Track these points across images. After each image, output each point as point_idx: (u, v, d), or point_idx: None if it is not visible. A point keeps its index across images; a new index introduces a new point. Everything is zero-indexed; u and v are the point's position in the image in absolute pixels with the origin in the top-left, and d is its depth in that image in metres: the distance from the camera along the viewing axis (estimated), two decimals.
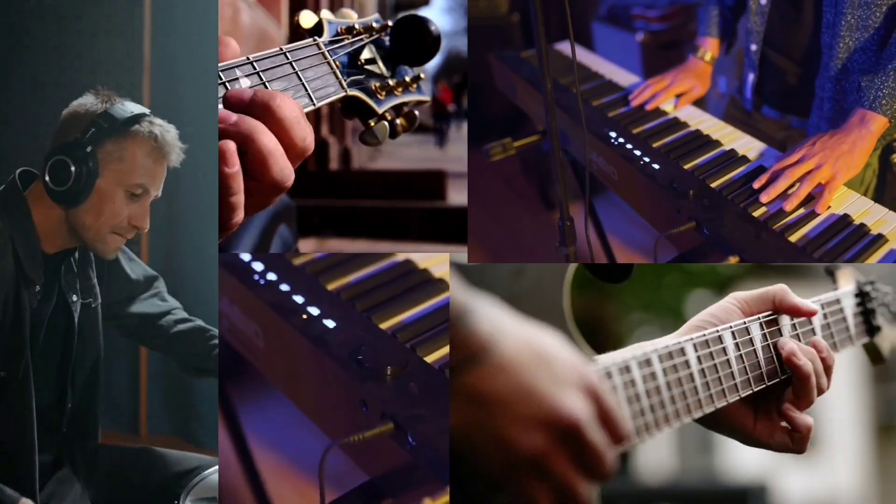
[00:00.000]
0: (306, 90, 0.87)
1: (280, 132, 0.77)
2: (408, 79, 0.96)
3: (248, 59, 0.84)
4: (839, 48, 1.70)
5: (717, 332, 0.94)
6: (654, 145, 1.84)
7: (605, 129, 1.91)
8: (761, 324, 1.00)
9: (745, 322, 0.98)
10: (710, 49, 2.08)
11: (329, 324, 1.19)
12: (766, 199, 1.60)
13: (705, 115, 1.99)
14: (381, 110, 0.94)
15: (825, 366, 1.02)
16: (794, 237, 1.53)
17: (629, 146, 1.83)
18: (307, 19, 0.92)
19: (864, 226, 1.55)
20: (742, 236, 1.53)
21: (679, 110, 2.00)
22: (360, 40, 0.94)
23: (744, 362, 0.96)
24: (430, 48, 0.92)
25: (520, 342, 0.70)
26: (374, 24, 0.96)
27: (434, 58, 0.93)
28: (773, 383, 1.00)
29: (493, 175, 2.48)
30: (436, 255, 1.37)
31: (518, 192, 2.57)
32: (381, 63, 0.95)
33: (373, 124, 0.94)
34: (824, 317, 1.10)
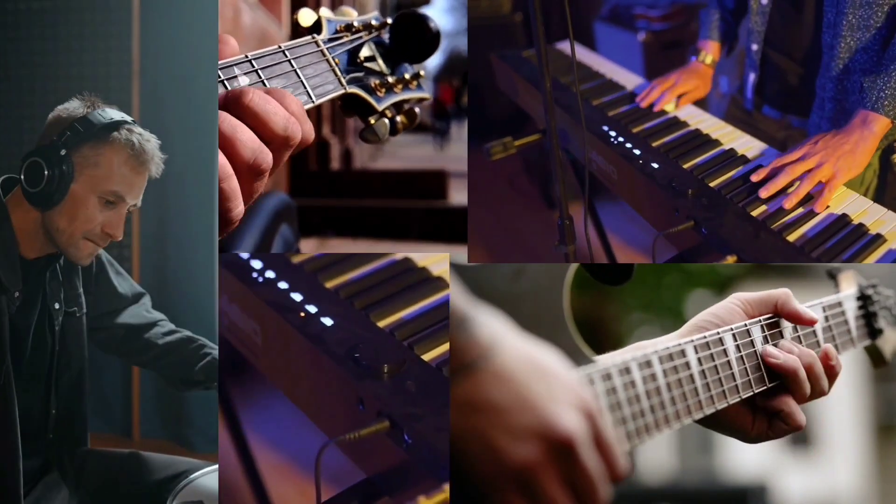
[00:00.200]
0: (305, 88, 0.87)
1: (257, 125, 0.77)
2: (408, 76, 0.96)
3: (246, 57, 0.84)
4: (840, 48, 1.70)
5: (717, 333, 0.94)
6: (654, 144, 1.84)
7: (605, 128, 1.91)
8: (762, 326, 1.00)
9: (745, 324, 0.98)
10: (710, 52, 2.08)
11: (327, 322, 1.19)
12: (766, 194, 1.60)
13: (705, 114, 1.99)
14: (381, 108, 0.94)
15: (832, 373, 1.01)
16: (792, 237, 1.52)
17: (629, 145, 1.83)
18: (306, 17, 0.92)
19: (862, 225, 1.55)
20: (740, 235, 1.53)
21: (679, 110, 2.00)
22: (360, 38, 0.94)
23: (744, 364, 0.96)
24: (430, 45, 0.92)
25: (520, 354, 0.70)
26: (374, 22, 0.96)
27: (434, 55, 0.93)
28: (774, 385, 1.00)
29: (495, 174, 2.48)
30: (435, 254, 1.37)
31: (520, 191, 2.57)
32: (380, 60, 0.95)
33: (373, 122, 0.94)
34: (826, 319, 1.10)
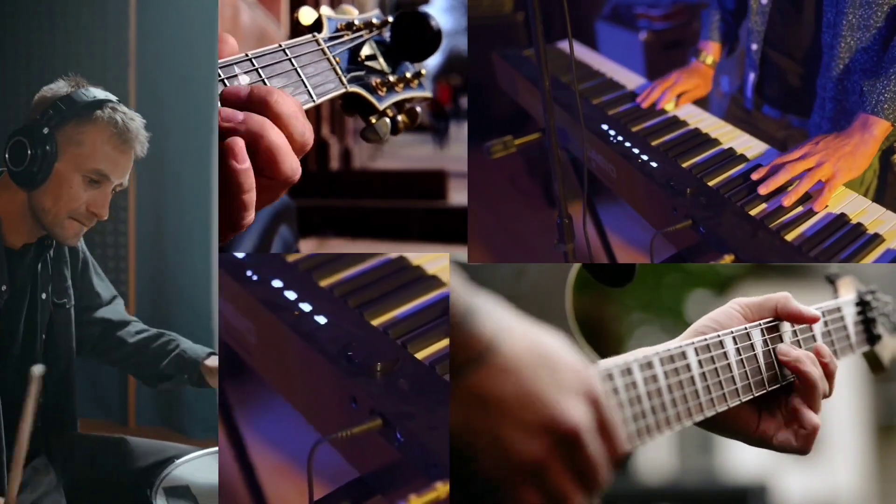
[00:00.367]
0: (306, 87, 0.86)
1: (279, 128, 0.77)
2: (409, 75, 0.96)
3: (246, 55, 0.84)
4: (840, 48, 1.70)
5: (718, 336, 0.95)
6: (653, 143, 1.84)
7: (605, 127, 1.91)
8: (762, 329, 1.00)
9: (746, 328, 0.99)
10: (711, 53, 2.09)
11: (320, 320, 1.19)
12: (765, 191, 1.60)
13: (704, 113, 1.99)
14: (381, 107, 0.94)
15: (827, 371, 1.02)
16: (790, 236, 1.52)
17: (628, 144, 1.83)
18: (307, 16, 0.91)
19: (860, 225, 1.55)
20: (738, 235, 1.53)
21: (679, 109, 2.00)
22: (361, 36, 0.94)
23: (744, 367, 0.96)
24: (431, 43, 0.92)
25: (523, 344, 0.69)
26: (375, 21, 0.95)
27: (435, 53, 0.93)
28: (774, 388, 1.00)
29: (496, 174, 2.47)
30: (430, 253, 1.37)
31: (521, 190, 2.56)
32: (381, 59, 0.95)
33: (374, 121, 0.94)
34: (825, 324, 1.11)
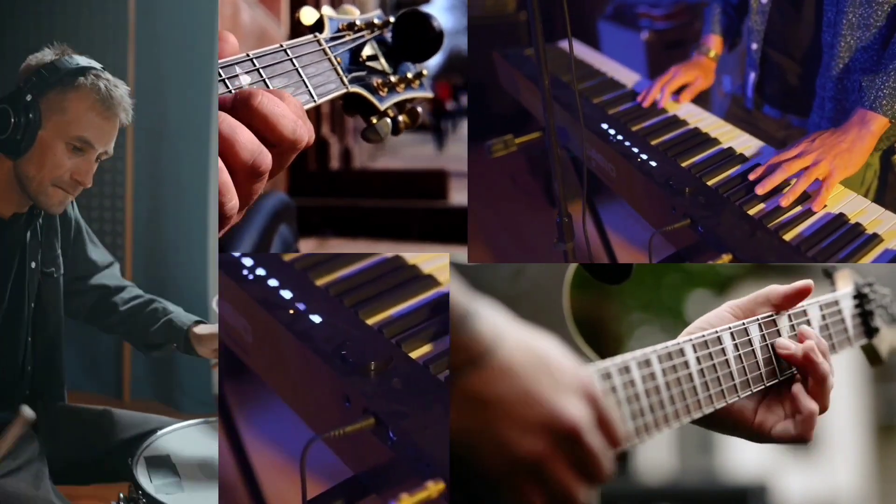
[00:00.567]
0: (307, 87, 0.86)
1: (266, 128, 0.76)
2: (410, 75, 0.96)
3: (248, 55, 0.84)
4: (840, 47, 1.69)
5: (716, 332, 0.95)
6: (653, 143, 1.84)
7: (605, 126, 1.91)
8: (760, 325, 1.01)
9: (743, 323, 0.99)
10: (713, 46, 2.09)
11: (315, 319, 1.19)
12: (762, 191, 1.60)
13: (704, 112, 1.99)
14: (383, 107, 0.94)
15: (821, 349, 1.02)
16: (788, 236, 1.52)
17: (627, 143, 1.83)
18: (308, 16, 0.92)
19: (859, 225, 1.55)
20: (736, 234, 1.53)
21: (680, 108, 2.00)
22: (362, 37, 0.94)
23: (743, 363, 0.96)
24: (433, 44, 0.92)
25: (521, 346, 0.70)
26: (376, 21, 0.95)
27: (437, 54, 0.93)
28: (773, 384, 1.00)
29: (498, 173, 2.47)
30: (428, 253, 1.37)
31: (523, 189, 2.57)
32: (382, 59, 0.95)
33: (375, 121, 0.94)
34: (822, 318, 1.11)
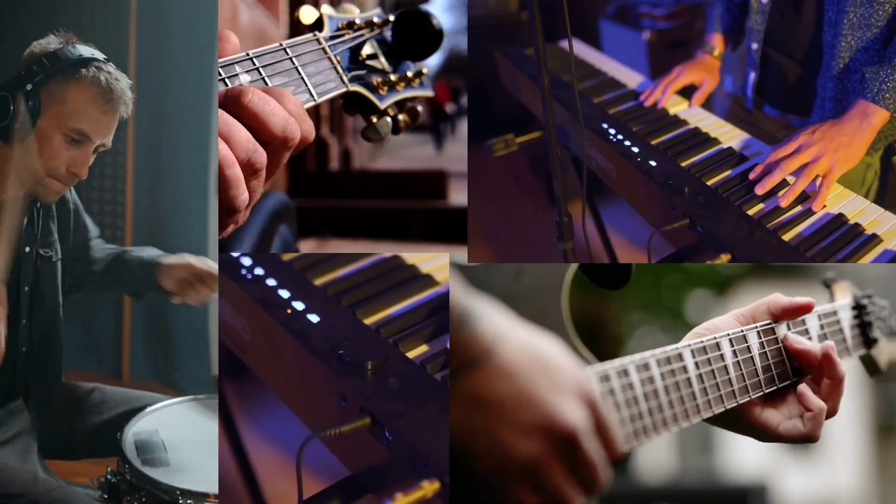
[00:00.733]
0: (307, 86, 0.86)
1: (256, 126, 0.77)
2: (410, 74, 0.96)
3: (248, 54, 0.83)
4: (841, 47, 1.69)
5: (714, 339, 0.95)
6: (653, 142, 1.84)
7: (605, 125, 1.91)
8: (758, 332, 1.01)
9: (742, 330, 0.99)
10: (717, 45, 2.08)
11: (313, 318, 1.19)
12: (762, 191, 1.59)
13: (704, 112, 1.99)
14: (383, 106, 0.94)
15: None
16: (787, 236, 1.52)
17: (627, 143, 1.83)
18: (308, 15, 0.91)
19: (858, 225, 1.54)
20: (735, 234, 1.53)
21: (679, 108, 2.00)
22: (362, 35, 0.94)
23: (741, 369, 0.97)
24: (433, 42, 0.92)
25: (521, 347, 0.70)
26: (376, 19, 0.95)
27: (436, 52, 0.93)
28: (771, 391, 1.00)
29: (497, 172, 2.47)
30: (426, 253, 1.37)
31: (525, 189, 2.56)
32: (382, 58, 0.95)
33: (375, 120, 0.94)
34: (821, 328, 1.11)
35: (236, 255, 1.33)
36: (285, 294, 1.24)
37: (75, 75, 1.44)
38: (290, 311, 1.21)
